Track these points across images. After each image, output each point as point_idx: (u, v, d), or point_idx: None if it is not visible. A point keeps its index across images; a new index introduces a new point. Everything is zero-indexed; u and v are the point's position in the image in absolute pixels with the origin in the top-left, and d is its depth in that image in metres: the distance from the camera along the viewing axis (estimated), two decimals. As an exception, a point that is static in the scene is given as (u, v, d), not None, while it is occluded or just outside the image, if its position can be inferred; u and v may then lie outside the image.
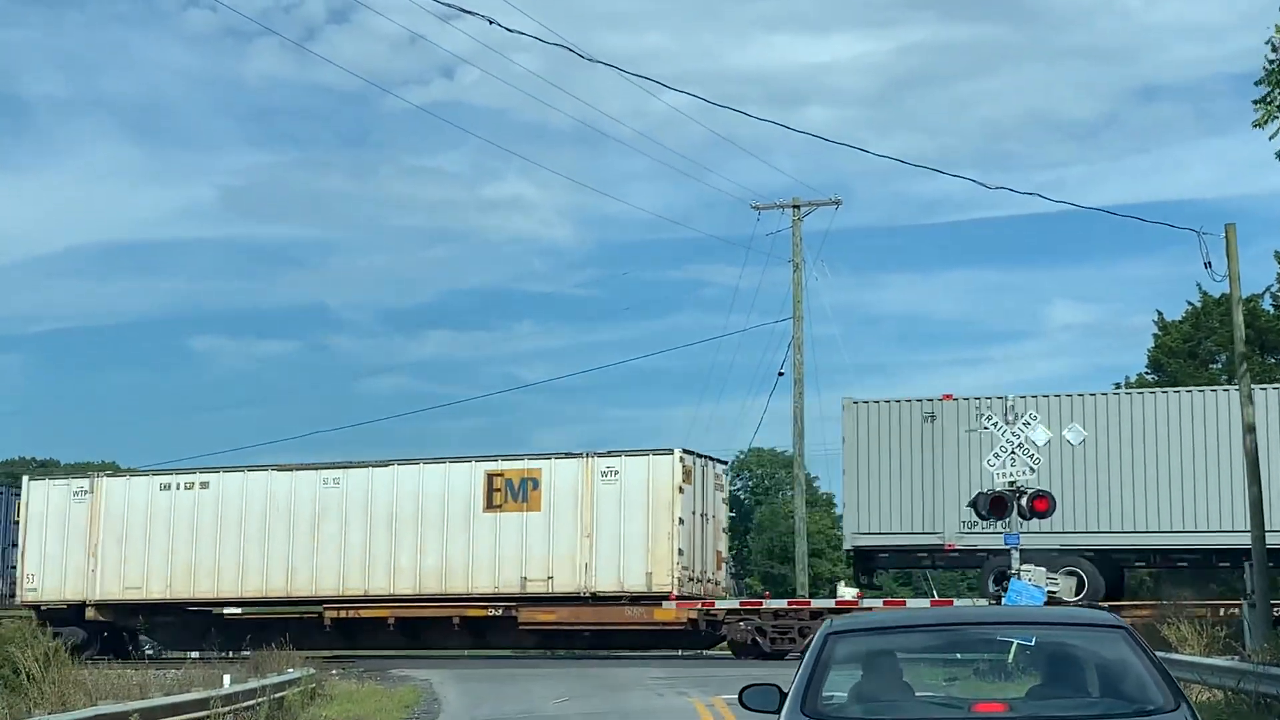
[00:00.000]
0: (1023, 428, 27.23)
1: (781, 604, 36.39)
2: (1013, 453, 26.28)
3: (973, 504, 27.45)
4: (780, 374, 45.82)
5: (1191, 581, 36.39)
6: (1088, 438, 32.02)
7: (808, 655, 7.66)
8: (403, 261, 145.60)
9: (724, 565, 38.98)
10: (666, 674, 30.62)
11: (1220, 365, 51.91)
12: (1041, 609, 18.19)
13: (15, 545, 41.60)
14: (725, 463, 39.66)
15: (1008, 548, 26.95)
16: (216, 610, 41.14)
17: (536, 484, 37.03)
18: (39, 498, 41.12)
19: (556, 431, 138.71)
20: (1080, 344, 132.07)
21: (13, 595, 41.33)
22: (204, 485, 39.93)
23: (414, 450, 44.90)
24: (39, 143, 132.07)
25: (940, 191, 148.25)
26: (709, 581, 37.36)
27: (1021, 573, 26.60)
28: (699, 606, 35.90)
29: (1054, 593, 29.68)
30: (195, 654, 38.08)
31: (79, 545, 40.36)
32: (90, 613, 40.17)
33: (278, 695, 22.44)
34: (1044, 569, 29.29)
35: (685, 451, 36.68)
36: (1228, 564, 32.80)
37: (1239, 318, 28.96)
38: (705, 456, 37.74)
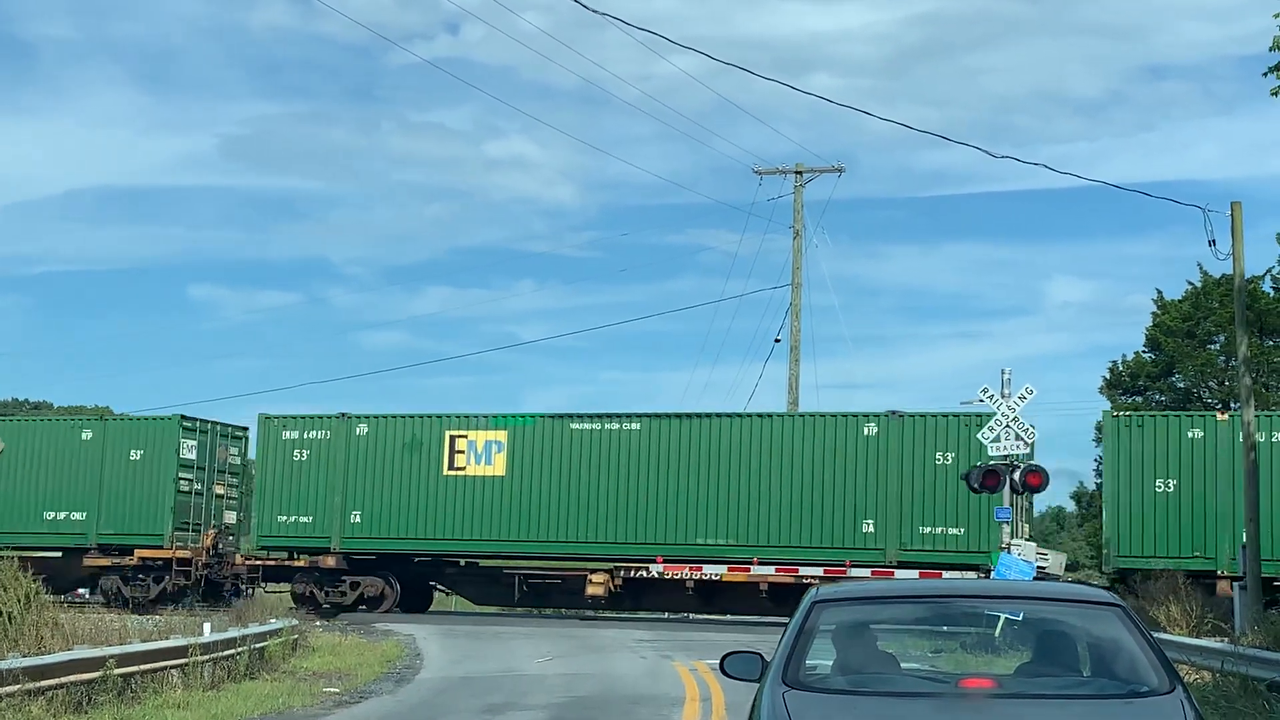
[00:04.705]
0: (1018, 402, 26.92)
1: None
2: (1007, 426, 26.01)
3: (965, 478, 27.26)
4: (777, 341, 45.71)
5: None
6: None
7: (792, 623, 7.42)
8: (404, 217, 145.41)
9: None
10: (651, 636, 30.51)
11: (1218, 346, 51.71)
12: (1034, 584, 17.98)
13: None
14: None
15: (1001, 521, 26.78)
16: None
17: None
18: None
19: (550, 392, 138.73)
20: (1078, 321, 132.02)
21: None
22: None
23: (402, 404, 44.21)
24: (43, 86, 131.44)
25: (943, 165, 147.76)
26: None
27: (1011, 547, 26.44)
28: None
29: (1044, 568, 29.50)
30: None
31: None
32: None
33: (259, 645, 22.27)
34: (1034, 543, 29.11)
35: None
36: None
37: (1241, 294, 28.74)
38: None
